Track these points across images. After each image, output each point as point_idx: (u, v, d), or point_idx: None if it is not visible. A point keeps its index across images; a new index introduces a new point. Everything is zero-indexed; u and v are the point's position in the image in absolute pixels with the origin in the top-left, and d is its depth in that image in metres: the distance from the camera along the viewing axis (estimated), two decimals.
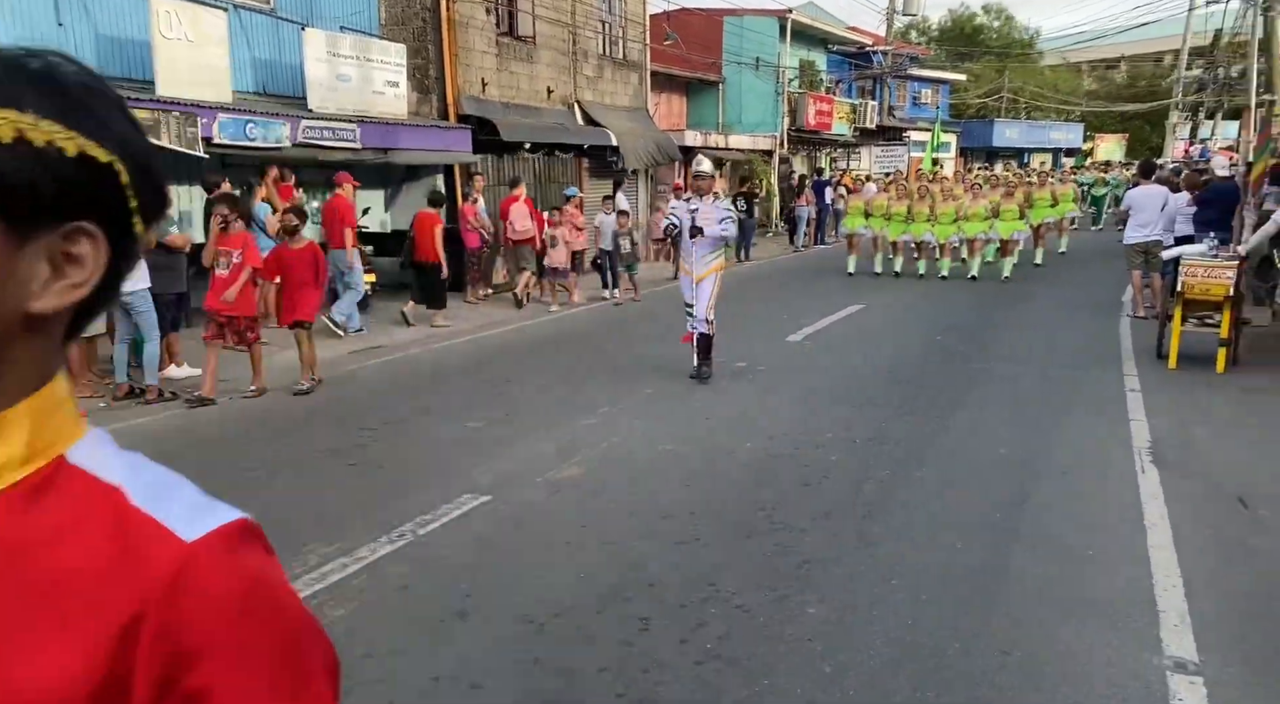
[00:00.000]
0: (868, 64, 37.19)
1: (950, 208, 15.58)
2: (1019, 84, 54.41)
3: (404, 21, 14.73)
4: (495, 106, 16.00)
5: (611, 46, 20.40)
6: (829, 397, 7.68)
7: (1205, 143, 55.16)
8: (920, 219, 15.87)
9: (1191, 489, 5.32)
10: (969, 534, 4.66)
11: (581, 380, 8.43)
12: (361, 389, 8.31)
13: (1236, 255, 8.64)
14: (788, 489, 5.39)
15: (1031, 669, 3.38)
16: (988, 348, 9.86)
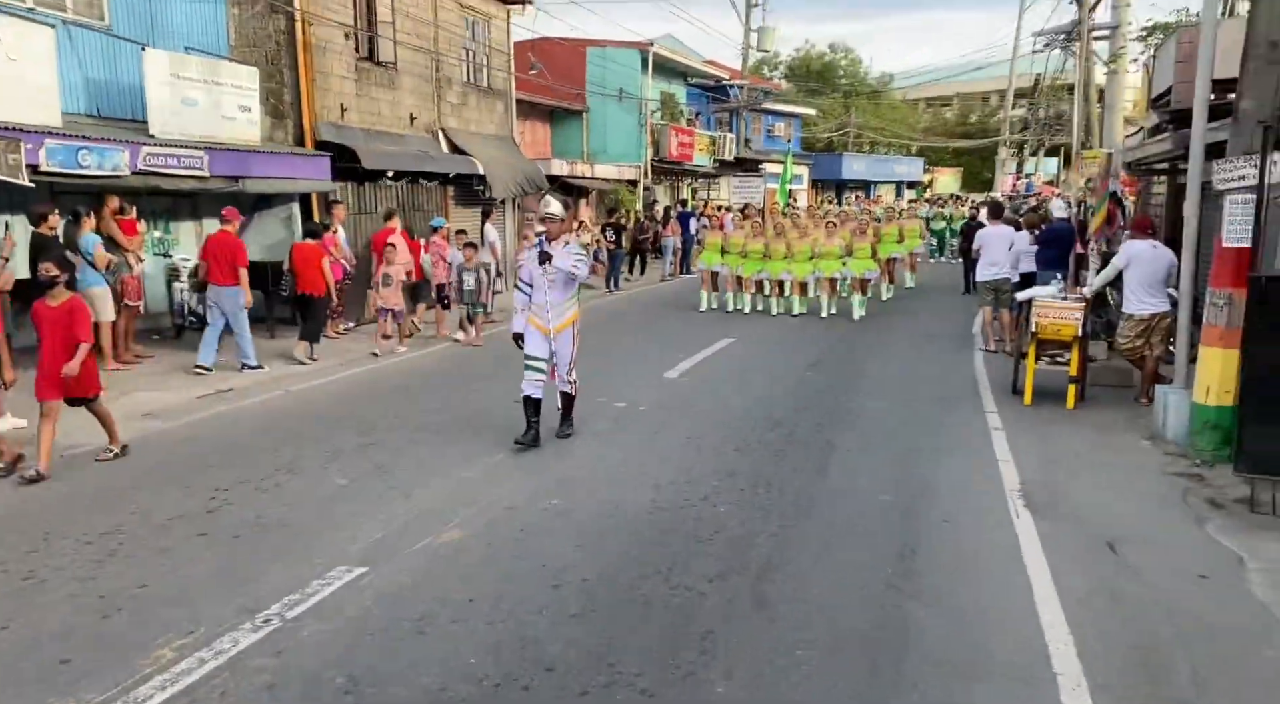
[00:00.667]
0: (725, 97, 38.07)
1: (806, 246, 15.62)
2: (864, 120, 56.91)
3: (256, 44, 14.01)
4: (355, 133, 15.42)
5: (476, 74, 20.08)
6: (713, 440, 7.62)
7: (1030, 177, 59.28)
8: (777, 257, 15.80)
9: (1064, 535, 5.48)
10: (866, 594, 4.63)
11: (455, 428, 8.08)
12: (211, 442, 7.70)
13: (1083, 297, 9.13)
14: (680, 547, 5.25)
15: None
16: (855, 384, 10.08)
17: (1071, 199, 19.79)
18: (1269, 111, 6.67)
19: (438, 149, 18.08)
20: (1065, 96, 57.92)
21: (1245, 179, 6.71)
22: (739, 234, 16.53)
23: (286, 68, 14.12)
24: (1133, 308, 9.07)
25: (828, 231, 15.91)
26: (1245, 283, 6.91)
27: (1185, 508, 6.11)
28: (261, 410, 8.89)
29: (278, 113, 14.03)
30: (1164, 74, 16.33)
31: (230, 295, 10.33)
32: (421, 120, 17.79)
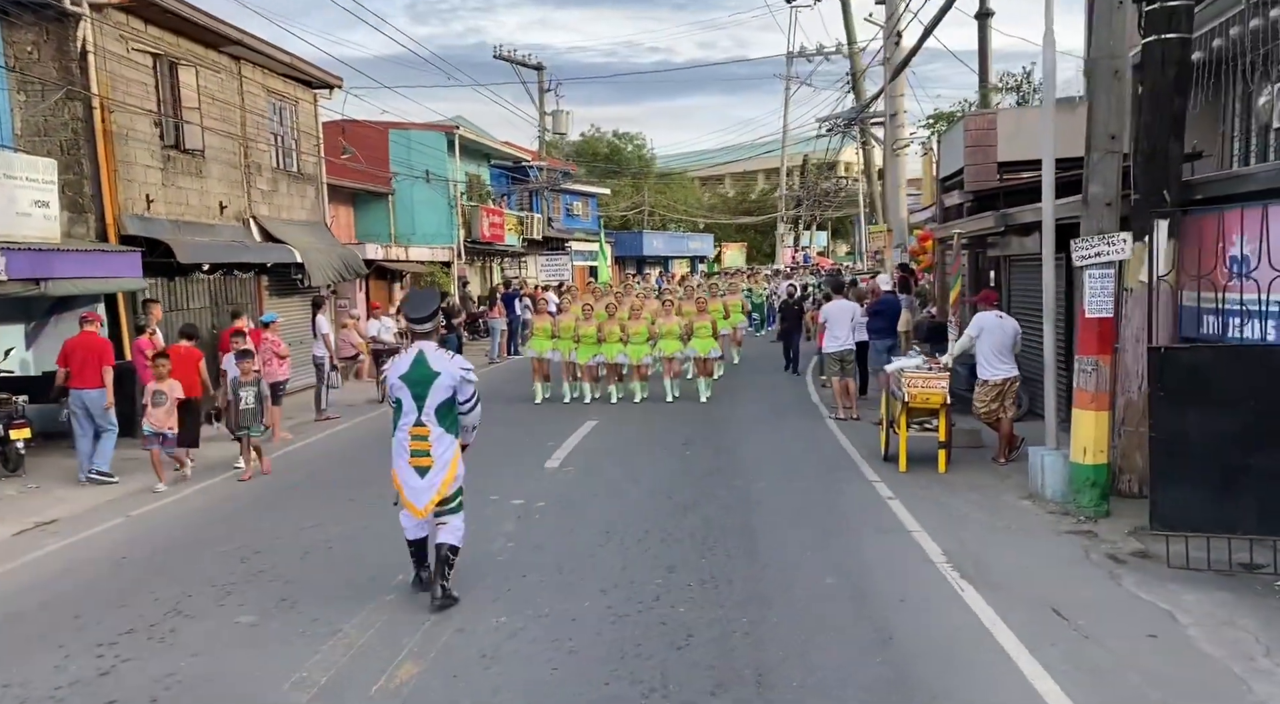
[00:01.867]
0: (525, 178, 38.51)
1: (642, 327, 14.69)
2: (654, 199, 59.14)
3: (47, 132, 12.72)
4: (163, 225, 14.26)
5: (285, 159, 19.19)
6: (634, 532, 7.41)
7: (806, 249, 63.55)
8: (612, 339, 14.71)
9: (1010, 605, 5.66)
10: (876, 698, 4.55)
11: (350, 544, 7.41)
12: (68, 585, 6.65)
13: (946, 367, 9.72)
14: (663, 658, 4.99)
15: None
16: (737, 461, 10.18)
17: (834, 263, 21.31)
18: (1114, 195, 7.44)
19: (250, 238, 17.04)
20: (831, 175, 62.95)
21: (1100, 255, 7.40)
22: (569, 317, 15.25)
23: (85, 158, 12.89)
24: (986, 374, 9.74)
25: (665, 309, 15.20)
26: (1110, 350, 7.60)
27: (1094, 565, 6.50)
28: (106, 543, 7.80)
29: (77, 206, 12.74)
30: (952, 157, 18.05)
31: (97, 398, 10.08)
32: (232, 209, 16.75)
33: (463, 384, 5.85)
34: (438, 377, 5.77)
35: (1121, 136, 7.49)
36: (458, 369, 5.83)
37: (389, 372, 5.93)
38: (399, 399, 5.86)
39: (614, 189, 56.37)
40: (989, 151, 16.35)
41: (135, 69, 13.85)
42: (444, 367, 5.79)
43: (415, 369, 5.78)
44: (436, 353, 5.84)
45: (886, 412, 10.16)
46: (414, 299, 6.36)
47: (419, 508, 5.89)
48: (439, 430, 5.83)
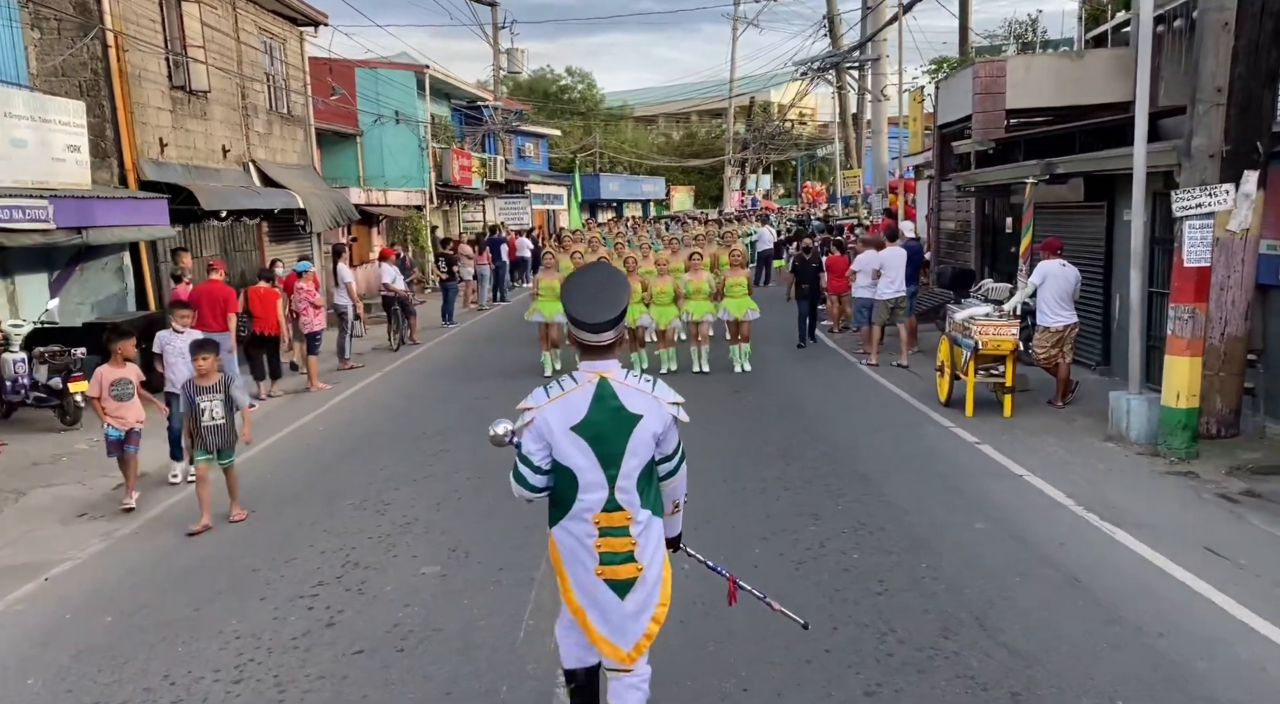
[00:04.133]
0: (479, 117, 37.70)
1: (667, 285, 12.53)
2: (605, 141, 58.47)
3: (65, 73, 12.12)
4: (176, 169, 13.78)
5: (277, 100, 18.54)
6: (754, 481, 7.56)
7: (752, 193, 63.76)
8: (632, 299, 13.42)
9: (1167, 545, 5.97)
10: (1107, 637, 4.83)
11: (479, 493, 7.44)
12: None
13: (1013, 313, 10.01)
14: (872, 602, 5.18)
15: None
16: (798, 411, 10.39)
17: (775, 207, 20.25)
18: (1218, 147, 7.71)
19: (251, 182, 16.54)
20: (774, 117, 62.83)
21: (1202, 207, 7.70)
22: None
23: (104, 100, 12.33)
24: (1047, 321, 10.07)
25: (692, 266, 12.82)
26: (1206, 298, 7.94)
27: (1213, 505, 6.89)
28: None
29: (99, 150, 12.24)
30: (954, 104, 18.27)
31: (221, 341, 10.15)
32: (233, 152, 16.22)
33: (671, 429, 3.44)
34: (638, 422, 3.33)
35: (1224, 89, 7.71)
36: (666, 405, 3.40)
37: (533, 416, 3.35)
38: (566, 469, 3.34)
39: (563, 130, 55.58)
40: (998, 99, 16.61)
41: (144, 3, 13.21)
42: (646, 404, 3.37)
43: (599, 413, 3.33)
44: (630, 381, 3.39)
45: (950, 358, 10.44)
46: (586, 288, 3.41)
47: (624, 649, 3.45)
48: (644, 515, 3.40)
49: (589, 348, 3.39)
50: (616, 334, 3.40)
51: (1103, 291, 11.82)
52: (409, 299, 16.43)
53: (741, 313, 12.65)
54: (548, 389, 3.39)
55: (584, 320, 3.33)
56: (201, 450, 6.91)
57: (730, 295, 12.66)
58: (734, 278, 12.83)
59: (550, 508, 3.47)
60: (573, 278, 3.45)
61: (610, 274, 3.52)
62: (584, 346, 3.40)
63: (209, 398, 6.91)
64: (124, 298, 12.58)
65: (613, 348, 3.41)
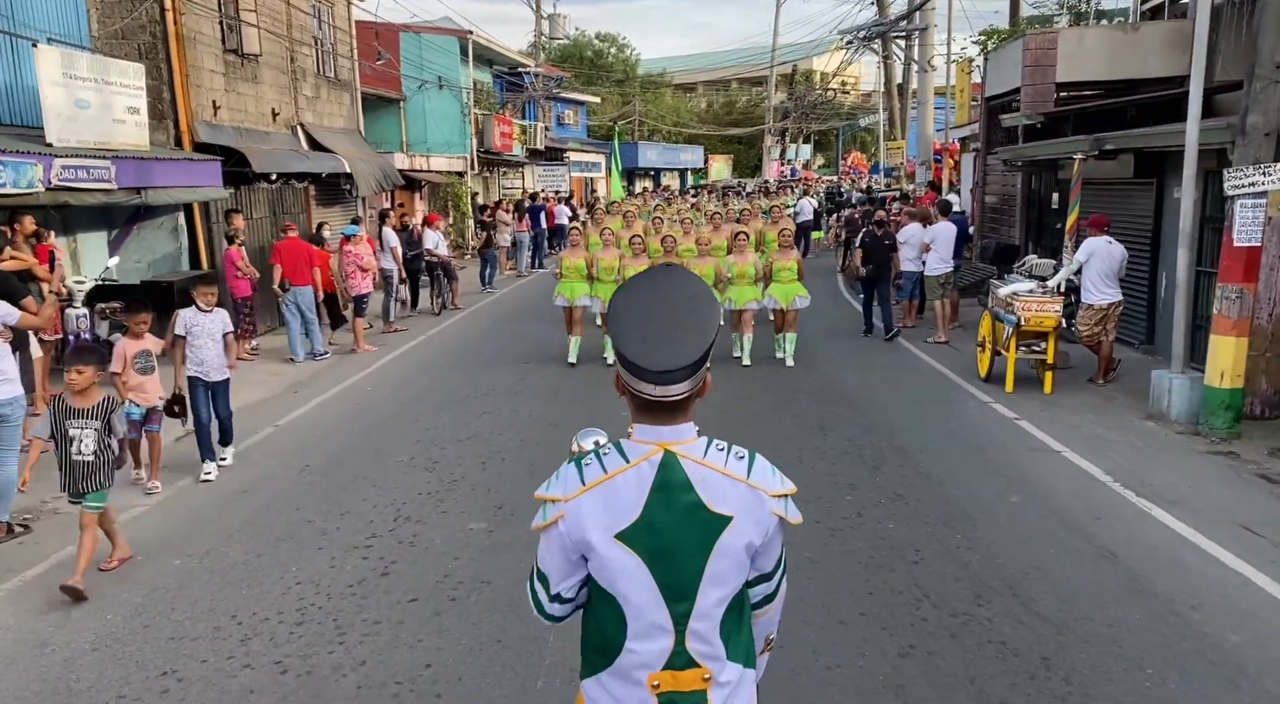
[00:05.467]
0: (519, 84, 37.75)
1: (708, 268, 10.96)
2: (644, 108, 58.19)
3: (124, 35, 12.37)
4: (228, 132, 14.02)
5: (325, 64, 18.73)
6: (794, 446, 7.70)
7: (792, 163, 63.17)
8: None
9: (1202, 522, 6.04)
10: (1136, 606, 4.93)
11: (524, 454, 7.65)
12: (264, 488, 6.85)
13: (1057, 290, 9.99)
14: (904, 571, 5.33)
15: None
16: (837, 383, 10.48)
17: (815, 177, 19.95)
18: (1275, 125, 7.63)
19: (299, 146, 16.77)
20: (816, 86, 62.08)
21: (1255, 186, 7.64)
22: (612, 254, 11.46)
23: (162, 63, 12.57)
24: (1092, 298, 10.04)
25: (738, 246, 11.56)
26: (1255, 278, 7.90)
27: (1251, 484, 6.92)
28: (274, 450, 7.96)
29: (157, 113, 12.48)
30: (1003, 76, 18.03)
31: (308, 294, 11.85)
32: (282, 116, 16.44)
33: (775, 536, 2.18)
34: (725, 528, 2.09)
35: None
36: (770, 498, 2.13)
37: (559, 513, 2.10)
38: (609, 599, 2.13)
39: (601, 97, 55.41)
40: (1048, 72, 16.37)
41: None
42: (738, 498, 2.11)
43: (663, 512, 2.08)
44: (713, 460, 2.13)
45: (992, 334, 10.45)
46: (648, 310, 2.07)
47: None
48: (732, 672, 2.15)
49: (647, 404, 2.05)
50: (695, 384, 2.06)
51: (1149, 270, 11.72)
52: (451, 264, 16.66)
53: (789, 301, 11.31)
54: (582, 467, 2.09)
55: (643, 365, 1.97)
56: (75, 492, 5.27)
57: (778, 280, 11.33)
58: (782, 261, 11.43)
59: (584, 649, 2.17)
60: (627, 292, 2.08)
61: (688, 287, 2.09)
62: (639, 401, 2.06)
63: (82, 424, 5.25)
64: (178, 257, 12.91)
65: (688, 404, 2.08)
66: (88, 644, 4.57)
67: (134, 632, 4.70)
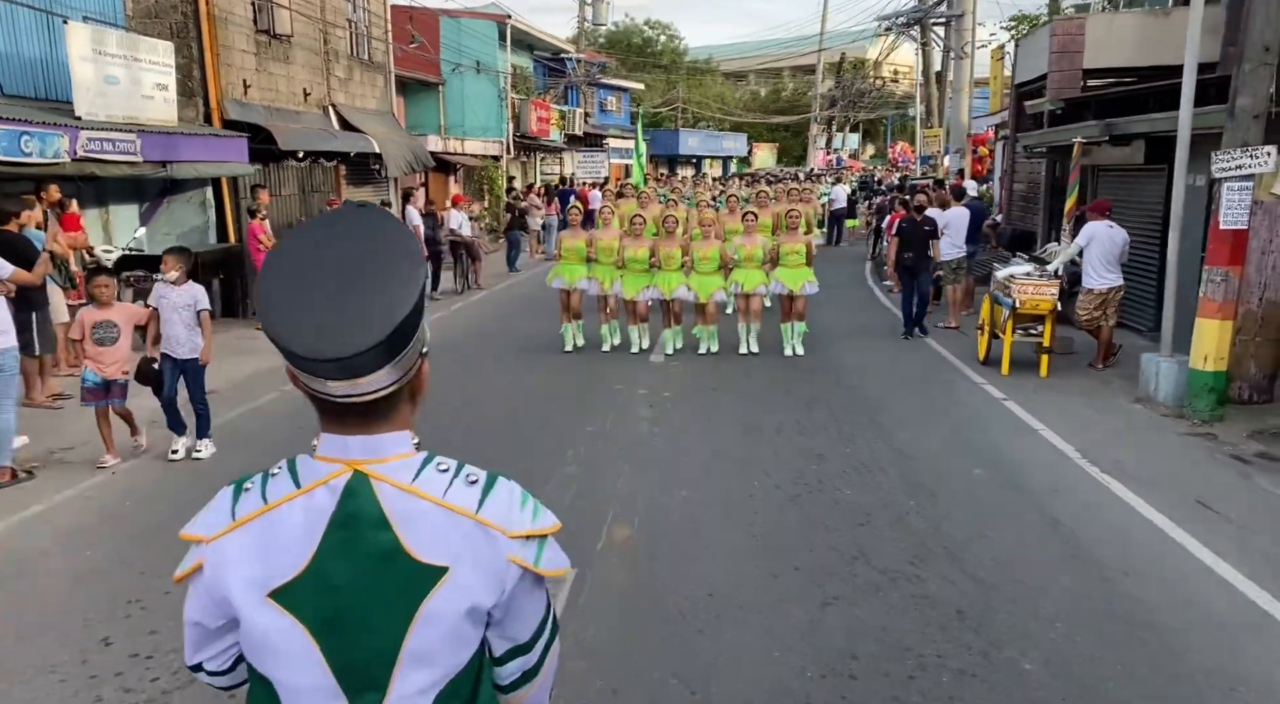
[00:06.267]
0: (561, 69, 38.01)
1: (713, 249, 10.66)
2: (688, 95, 58.10)
3: (157, 14, 12.85)
4: (258, 110, 14.47)
5: (358, 46, 19.16)
6: (770, 424, 7.88)
7: (838, 151, 62.63)
8: (670, 265, 10.66)
9: (1159, 497, 6.11)
10: (1067, 569, 5.05)
11: (511, 422, 7.93)
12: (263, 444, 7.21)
13: (1055, 273, 10.00)
14: (848, 533, 5.49)
15: None
16: (836, 363, 10.60)
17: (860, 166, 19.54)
18: (1263, 107, 7.60)
19: (330, 126, 17.21)
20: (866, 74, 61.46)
21: (1242, 169, 7.61)
22: (609, 234, 11.04)
23: (192, 41, 13.04)
24: (1092, 282, 10.03)
25: (746, 226, 10.97)
26: (1241, 262, 7.88)
27: (1221, 464, 6.95)
28: (278, 411, 8.34)
29: (186, 90, 12.96)
30: (1031, 62, 17.87)
31: None
32: (314, 96, 16.89)
33: (530, 593, 1.49)
34: (438, 582, 1.40)
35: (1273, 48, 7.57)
36: (509, 540, 1.43)
37: (199, 559, 1.47)
38: (263, 682, 1.45)
39: (646, 84, 55.44)
40: (1075, 58, 16.22)
41: None
42: (460, 541, 1.41)
43: (340, 559, 1.40)
44: (429, 482, 1.43)
45: (990, 317, 10.49)
46: (308, 269, 1.36)
47: None
48: None
49: (330, 406, 1.44)
50: (401, 374, 1.42)
51: (1159, 257, 11.61)
52: (475, 244, 17.00)
53: (797, 285, 10.71)
54: (240, 493, 1.51)
55: (304, 352, 1.34)
56: None
57: (785, 264, 10.76)
58: (790, 244, 10.89)
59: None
60: (280, 248, 1.45)
61: (371, 229, 1.42)
62: (319, 402, 1.45)
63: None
64: (205, 230, 13.40)
65: (394, 405, 1.45)
66: (69, 577, 4.92)
67: (111, 566, 5.04)
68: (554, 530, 1.47)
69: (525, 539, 1.44)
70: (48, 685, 3.89)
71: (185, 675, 3.80)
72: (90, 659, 4.09)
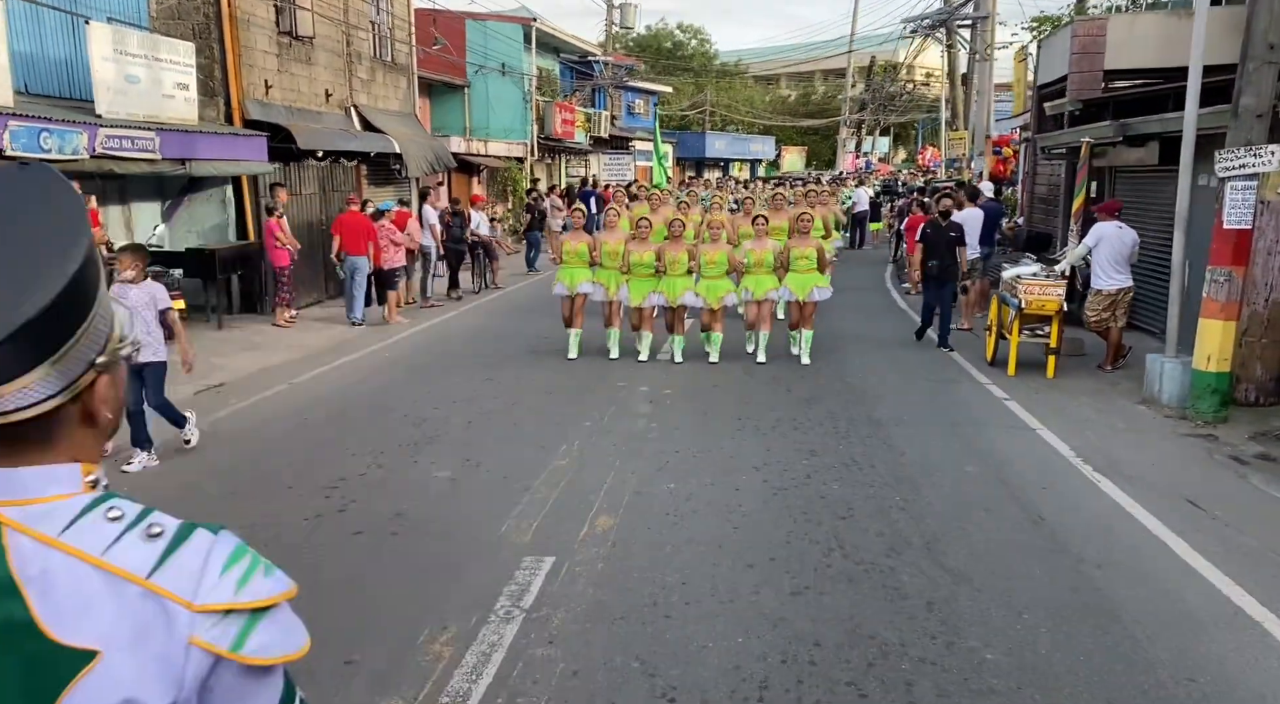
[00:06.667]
0: (589, 72, 38.22)
1: (721, 253, 10.28)
2: (716, 98, 58.09)
3: (180, 16, 13.10)
4: (279, 110, 14.68)
5: (381, 48, 19.40)
6: (766, 421, 7.91)
7: (867, 155, 62.35)
8: (677, 270, 10.20)
9: (1148, 495, 6.08)
10: (1040, 562, 5.05)
11: (510, 416, 8.03)
12: (260, 439, 7.35)
13: (1062, 274, 9.94)
14: (831, 527, 5.52)
15: None
16: (842, 363, 10.60)
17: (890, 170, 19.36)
18: (1268, 107, 7.52)
19: (351, 126, 17.43)
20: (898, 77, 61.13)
21: (1245, 168, 7.54)
22: (614, 237, 10.66)
23: (215, 43, 13.29)
24: (1101, 283, 9.96)
25: (756, 230, 10.56)
26: (1245, 261, 7.80)
27: (1219, 465, 6.89)
28: (281, 405, 8.50)
29: (208, 90, 13.19)
30: (1053, 64, 17.72)
31: (362, 263, 12.79)
32: (335, 97, 17.09)
33: (226, 685, 1.00)
34: (82, 671, 0.95)
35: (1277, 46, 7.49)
36: (189, 614, 0.99)
37: None
38: None
39: (675, 87, 55.53)
40: (1095, 59, 16.05)
41: None
42: (109, 615, 0.97)
43: None
44: (84, 534, 1.00)
45: (998, 317, 10.44)
46: None
47: None
48: None
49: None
50: (60, 387, 1.01)
51: None
52: (493, 244, 17.16)
53: (805, 292, 10.28)
54: None
55: None
56: None
57: (795, 269, 10.32)
58: (800, 248, 10.33)
59: None
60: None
61: (12, 193, 1.02)
62: None
63: None
64: (225, 228, 13.64)
65: (47, 429, 1.03)
66: None
67: None
68: (274, 601, 1.02)
69: (222, 615, 1.00)
70: None
71: None
72: None
